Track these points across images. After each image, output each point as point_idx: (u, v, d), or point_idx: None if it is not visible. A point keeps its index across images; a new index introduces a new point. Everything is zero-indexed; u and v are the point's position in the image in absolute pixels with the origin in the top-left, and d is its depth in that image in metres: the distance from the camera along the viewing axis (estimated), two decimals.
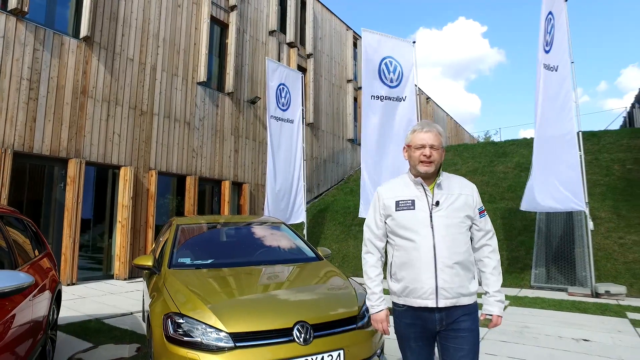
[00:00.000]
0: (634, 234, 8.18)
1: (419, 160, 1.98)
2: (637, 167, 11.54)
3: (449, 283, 1.89)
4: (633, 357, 3.86)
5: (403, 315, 2.01)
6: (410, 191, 2.01)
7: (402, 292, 1.98)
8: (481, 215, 2.03)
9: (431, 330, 1.98)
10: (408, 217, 1.96)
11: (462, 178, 2.10)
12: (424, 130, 2.01)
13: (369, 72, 8.51)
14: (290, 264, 3.77)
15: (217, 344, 2.47)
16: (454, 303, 1.92)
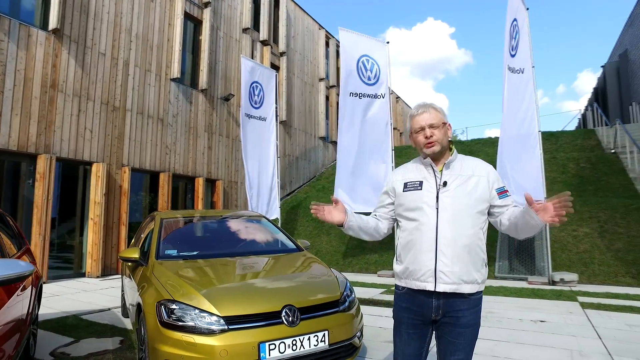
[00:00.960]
0: (586, 226, 8.84)
1: (422, 143, 1.92)
2: (589, 165, 12.39)
3: (449, 267, 1.80)
4: (580, 333, 4.29)
5: (401, 299, 1.97)
6: (420, 173, 1.96)
7: (403, 274, 1.92)
8: (501, 195, 1.89)
9: (427, 317, 1.89)
10: (414, 198, 1.90)
11: (478, 160, 1.99)
12: (419, 112, 1.95)
13: (347, 69, 8.72)
14: (273, 254, 3.95)
15: (211, 327, 2.63)
16: (454, 289, 1.81)
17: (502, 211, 1.90)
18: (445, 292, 1.82)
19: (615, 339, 4.07)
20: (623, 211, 9.03)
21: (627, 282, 7.25)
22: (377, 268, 9.52)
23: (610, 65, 21.10)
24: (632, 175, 11.07)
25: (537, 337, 4.18)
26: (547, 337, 4.17)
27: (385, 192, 2.07)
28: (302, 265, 3.66)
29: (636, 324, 4.66)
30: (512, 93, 7.41)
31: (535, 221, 1.71)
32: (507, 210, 1.90)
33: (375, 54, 8.98)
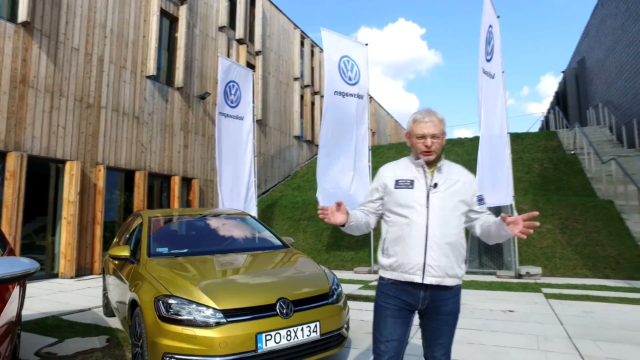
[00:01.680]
0: (549, 223, 9.41)
1: (420, 150, 2.04)
2: (551, 165, 13.12)
3: (436, 261, 1.95)
4: (545, 320, 4.67)
5: (387, 288, 2.05)
6: (411, 172, 2.07)
7: (391, 267, 2.03)
8: (480, 202, 2.10)
9: (413, 306, 2.02)
10: (405, 195, 2.02)
11: (462, 167, 2.16)
12: (425, 120, 2.04)
13: (330, 68, 8.86)
14: (262, 251, 4.08)
15: (210, 320, 2.75)
16: (439, 282, 1.96)
17: (478, 217, 2.10)
18: (431, 285, 1.97)
19: (575, 325, 4.46)
20: (581, 209, 9.66)
21: (584, 274, 7.80)
22: (352, 265, 9.76)
23: (569, 71, 22.27)
24: (589, 175, 11.82)
25: (507, 325, 4.51)
26: (516, 325, 4.51)
27: (375, 187, 2.15)
28: (292, 260, 3.82)
29: (592, 310, 5.10)
30: (488, 96, 7.73)
31: (506, 232, 1.95)
32: (481, 217, 2.10)
33: (354, 55, 9.20)
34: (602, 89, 16.83)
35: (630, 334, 4.10)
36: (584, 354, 3.56)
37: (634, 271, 7.52)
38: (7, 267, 2.10)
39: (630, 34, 13.31)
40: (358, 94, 9.06)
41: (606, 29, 15.81)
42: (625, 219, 8.97)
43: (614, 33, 14.86)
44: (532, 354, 3.58)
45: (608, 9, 15.53)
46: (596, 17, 17.12)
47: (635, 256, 7.87)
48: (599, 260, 8.06)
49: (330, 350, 3.17)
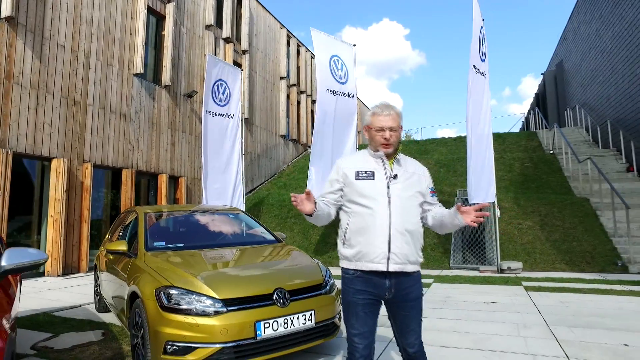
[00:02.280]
0: (529, 220, 9.77)
1: (379, 143, 2.11)
2: (532, 164, 13.56)
3: (399, 249, 2.02)
4: (525, 310, 4.92)
5: (353, 282, 2.08)
6: (370, 164, 2.14)
7: (355, 257, 2.06)
8: (432, 194, 2.23)
9: (380, 296, 2.07)
10: (367, 186, 2.07)
11: (416, 161, 2.28)
12: (384, 113, 2.12)
13: (322, 67, 8.98)
14: (256, 245, 4.21)
15: (210, 309, 2.87)
16: (401, 268, 2.03)
17: (430, 208, 2.20)
18: (395, 272, 2.03)
19: (552, 314, 4.72)
20: (560, 206, 10.05)
21: (562, 268, 8.15)
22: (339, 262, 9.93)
23: (548, 73, 22.92)
24: (567, 174, 12.28)
25: (490, 315, 4.74)
26: (498, 315, 4.75)
27: (335, 179, 2.17)
28: (286, 253, 3.96)
29: (568, 300, 5.39)
30: (476, 97, 7.96)
31: (459, 221, 2.06)
32: (433, 208, 2.20)
33: (343, 55, 9.37)
34: (579, 92, 17.42)
35: (600, 320, 4.39)
36: (560, 338, 3.81)
37: (606, 265, 7.90)
38: (17, 258, 2.19)
39: (603, 40, 13.85)
40: (347, 93, 9.23)
41: (582, 34, 16.39)
42: (600, 216, 9.38)
43: (589, 39, 15.42)
44: (513, 340, 3.81)
45: (583, 16, 16.09)
46: (573, 22, 17.70)
47: (608, 250, 8.26)
48: (575, 255, 8.42)
49: (324, 338, 3.32)
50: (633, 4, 11.35)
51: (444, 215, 2.14)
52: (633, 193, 10.44)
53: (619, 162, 12.42)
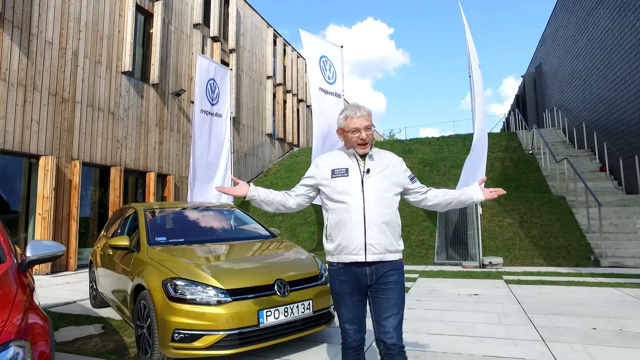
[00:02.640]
0: (509, 217, 10.18)
1: (356, 143, 2.19)
2: (512, 164, 14.05)
3: (376, 240, 2.10)
4: (505, 301, 5.24)
5: (337, 273, 2.20)
6: (344, 162, 2.23)
7: (335, 250, 2.18)
8: (412, 181, 2.32)
9: (363, 284, 2.16)
10: (342, 183, 2.17)
11: (390, 152, 2.36)
12: (357, 115, 2.18)
13: (313, 67, 9.15)
14: (253, 240, 4.39)
15: (216, 298, 3.04)
16: (380, 258, 2.12)
17: (417, 191, 2.32)
18: (374, 261, 2.12)
19: (530, 303, 5.05)
20: (538, 204, 10.49)
21: (540, 262, 8.55)
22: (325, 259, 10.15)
23: (528, 75, 23.64)
24: (545, 173, 12.78)
25: (473, 306, 5.03)
26: (480, 305, 5.04)
27: (311, 175, 2.30)
28: (283, 247, 4.15)
29: (545, 292, 5.74)
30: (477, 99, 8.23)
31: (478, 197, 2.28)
32: (423, 191, 2.33)
33: (331, 55, 9.58)
34: (557, 94, 18.06)
35: (573, 308, 4.74)
36: (537, 325, 4.11)
37: (580, 259, 8.34)
38: (39, 249, 2.34)
39: (578, 45, 14.44)
40: (335, 93, 9.45)
41: (559, 39, 17.00)
42: (575, 213, 9.85)
43: (566, 43, 16.02)
44: (495, 327, 4.09)
45: (560, 21, 16.70)
46: (551, 27, 18.33)
47: (582, 246, 8.70)
48: (552, 250, 8.84)
49: (321, 326, 3.54)
50: (605, 13, 11.90)
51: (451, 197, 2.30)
52: (605, 192, 10.97)
53: (593, 162, 12.99)
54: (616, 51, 11.24)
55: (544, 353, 3.34)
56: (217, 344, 2.96)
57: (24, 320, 1.53)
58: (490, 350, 3.45)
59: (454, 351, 3.44)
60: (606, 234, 8.73)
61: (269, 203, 2.29)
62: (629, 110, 10.66)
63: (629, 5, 10.36)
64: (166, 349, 3.03)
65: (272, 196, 2.30)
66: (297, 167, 17.23)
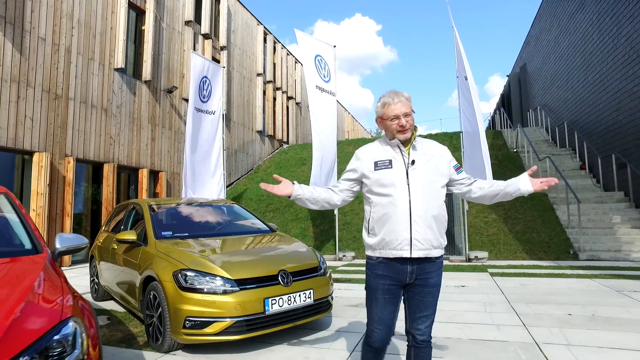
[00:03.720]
0: (494, 213, 10.57)
1: (396, 130, 2.09)
2: (497, 162, 14.47)
3: (422, 235, 2.01)
4: (490, 292, 5.56)
5: (375, 267, 2.10)
6: (388, 153, 2.13)
7: (379, 245, 2.07)
8: (458, 171, 2.20)
9: (401, 282, 2.08)
10: (386, 175, 2.08)
11: (435, 142, 2.23)
12: (395, 101, 2.09)
13: (309, 66, 9.33)
14: (254, 233, 4.61)
15: (225, 288, 3.26)
16: (426, 254, 2.03)
17: (463, 182, 2.20)
18: (418, 258, 2.03)
19: (513, 293, 5.38)
20: (521, 201, 10.90)
21: (522, 256, 8.95)
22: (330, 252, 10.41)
23: (513, 75, 24.20)
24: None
25: (460, 296, 5.34)
26: (467, 296, 5.35)
27: (353, 168, 2.20)
28: (284, 241, 4.38)
29: (527, 283, 6.09)
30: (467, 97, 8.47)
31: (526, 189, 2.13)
32: (469, 182, 2.21)
33: (325, 54, 9.80)
34: (540, 94, 18.60)
35: (551, 297, 5.09)
36: (519, 312, 4.43)
37: (560, 253, 8.76)
38: (67, 242, 2.53)
39: (561, 47, 14.93)
40: (331, 91, 9.68)
41: (543, 40, 17.51)
42: (556, 209, 10.29)
43: (549, 45, 16.53)
44: (480, 315, 4.40)
45: (544, 23, 17.20)
46: (535, 28, 18.84)
47: (562, 240, 9.13)
48: (534, 245, 9.25)
49: (321, 314, 3.78)
50: (585, 17, 12.37)
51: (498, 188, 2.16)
52: (585, 189, 11.45)
53: (574, 160, 13.49)
54: (595, 54, 11.71)
55: (524, 336, 3.64)
56: (226, 330, 3.18)
57: (73, 301, 1.73)
58: (476, 334, 3.74)
59: (444, 336, 3.72)
60: (584, 229, 9.17)
61: (314, 201, 2.20)
62: (607, 111, 11.14)
63: (607, 12, 10.82)
64: (178, 336, 3.24)
65: (316, 194, 2.20)
66: (287, 164, 17.43)
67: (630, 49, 9.74)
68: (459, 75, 8.76)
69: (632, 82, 9.68)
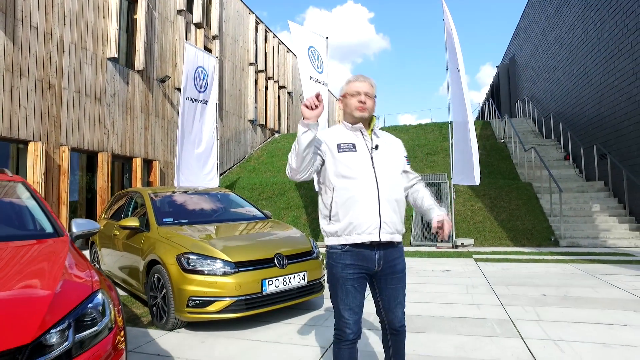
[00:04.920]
0: (480, 202, 10.93)
1: (355, 106, 2.07)
2: (485, 152, 14.82)
3: (389, 218, 2.02)
4: (473, 275, 5.90)
5: (342, 257, 2.03)
6: (349, 137, 2.10)
7: (344, 231, 2.01)
8: (407, 162, 2.27)
9: (370, 270, 2.05)
10: (351, 158, 2.04)
11: (389, 133, 2.28)
12: (359, 80, 2.12)
13: (302, 57, 9.51)
14: (250, 220, 4.85)
15: (225, 269, 3.51)
16: (392, 238, 2.03)
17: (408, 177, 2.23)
18: (384, 243, 2.02)
19: (494, 277, 5.73)
20: (507, 189, 11.28)
21: (507, 243, 9.33)
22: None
23: (502, 66, 24.53)
24: (515, 161, 13.62)
25: (445, 279, 5.66)
26: (452, 279, 5.68)
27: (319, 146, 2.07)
28: (279, 227, 4.63)
29: (508, 268, 6.46)
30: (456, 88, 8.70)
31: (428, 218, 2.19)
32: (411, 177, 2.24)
33: (318, 46, 9.96)
34: (528, 85, 18.95)
35: (530, 280, 5.45)
36: (498, 293, 4.77)
37: (543, 240, 9.16)
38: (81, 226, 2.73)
39: (548, 40, 15.23)
40: (324, 82, 9.87)
41: (531, 33, 17.80)
42: (540, 198, 10.68)
43: (537, 37, 16.82)
44: (463, 296, 4.72)
45: (533, 16, 17.47)
46: (524, 20, 19.10)
47: (545, 228, 9.53)
48: (518, 232, 9.64)
49: (314, 294, 4.06)
50: (572, 11, 12.65)
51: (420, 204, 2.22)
52: (568, 179, 11.87)
53: (559, 151, 13.90)
54: (580, 48, 12.03)
55: (501, 314, 3.96)
56: (227, 309, 3.44)
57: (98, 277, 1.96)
58: (457, 313, 4.05)
59: (428, 314, 4.02)
60: (566, 218, 9.57)
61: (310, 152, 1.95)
62: (590, 103, 11.51)
63: (591, 7, 11.10)
64: (182, 314, 3.49)
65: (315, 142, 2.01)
66: (279, 153, 17.62)
67: (612, 44, 10.06)
68: (450, 67, 8.99)
69: (613, 76, 10.02)
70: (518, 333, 3.41)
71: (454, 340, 3.29)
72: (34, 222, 2.59)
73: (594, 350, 3.00)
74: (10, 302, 1.56)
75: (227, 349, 3.20)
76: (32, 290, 1.70)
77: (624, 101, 9.56)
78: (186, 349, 3.21)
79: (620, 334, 3.34)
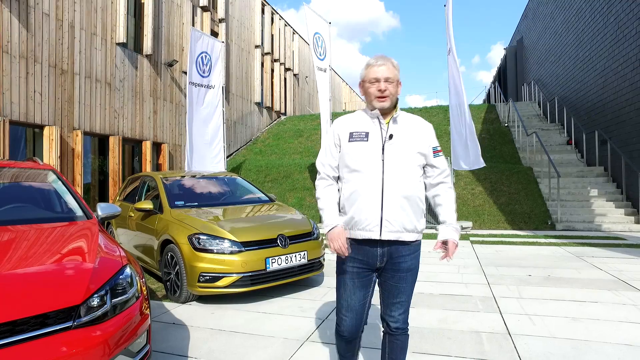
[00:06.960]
0: (480, 186, 11.18)
1: (374, 96, 1.91)
2: (488, 136, 14.97)
3: (393, 216, 1.86)
4: (467, 257, 6.24)
5: None
6: (365, 124, 1.95)
7: (348, 225, 1.93)
8: (435, 154, 1.98)
9: (372, 266, 1.94)
10: (360, 149, 1.91)
11: (419, 117, 2.03)
12: (378, 63, 1.92)
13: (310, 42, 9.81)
14: (255, 203, 5.19)
15: (232, 248, 3.86)
16: (397, 237, 1.87)
17: (434, 172, 1.99)
18: (389, 240, 1.87)
19: (486, 258, 6.06)
20: (508, 174, 11.50)
21: (504, 226, 9.62)
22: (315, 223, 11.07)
23: (510, 48, 24.28)
24: (517, 145, 13.77)
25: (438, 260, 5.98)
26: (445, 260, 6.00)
27: (333, 143, 2.01)
28: (282, 210, 4.97)
29: (501, 250, 6.78)
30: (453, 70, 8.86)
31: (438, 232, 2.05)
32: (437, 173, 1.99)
33: (322, 31, 10.13)
34: (535, 68, 18.86)
35: (519, 261, 5.78)
36: (487, 273, 5.10)
37: (540, 224, 9.43)
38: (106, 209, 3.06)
39: (556, 22, 15.12)
40: (324, 69, 10.07)
41: (540, 15, 17.61)
42: (539, 183, 10.90)
43: (545, 19, 16.67)
44: (454, 276, 5.05)
45: None
46: (533, 1, 18.86)
47: (542, 212, 9.79)
48: (516, 215, 9.91)
49: (313, 272, 4.42)
50: None
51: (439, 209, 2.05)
52: (569, 163, 12.03)
53: (562, 135, 14.00)
54: (586, 32, 12.00)
55: (486, 292, 4.30)
56: (234, 284, 3.81)
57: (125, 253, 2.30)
58: (446, 290, 4.39)
59: (418, 292, 4.36)
60: (563, 202, 9.81)
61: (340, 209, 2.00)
62: (593, 88, 11.56)
63: None
64: (194, 288, 3.86)
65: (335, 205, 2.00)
66: (285, 135, 17.89)
67: (617, 29, 10.07)
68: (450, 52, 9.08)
69: (617, 62, 10.07)
70: (498, 309, 3.75)
71: (439, 314, 3.64)
72: (66, 205, 2.93)
73: (562, 324, 3.33)
74: (62, 273, 1.92)
75: (234, 319, 3.57)
76: (77, 264, 2.06)
77: (626, 87, 9.64)
78: (198, 319, 3.59)
79: (590, 309, 3.66)
